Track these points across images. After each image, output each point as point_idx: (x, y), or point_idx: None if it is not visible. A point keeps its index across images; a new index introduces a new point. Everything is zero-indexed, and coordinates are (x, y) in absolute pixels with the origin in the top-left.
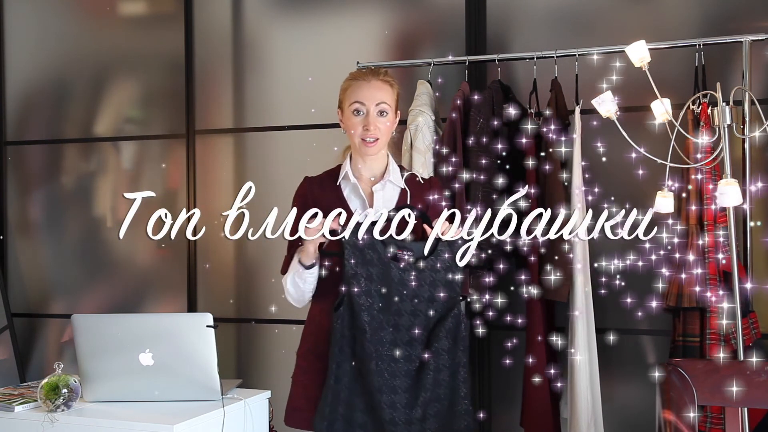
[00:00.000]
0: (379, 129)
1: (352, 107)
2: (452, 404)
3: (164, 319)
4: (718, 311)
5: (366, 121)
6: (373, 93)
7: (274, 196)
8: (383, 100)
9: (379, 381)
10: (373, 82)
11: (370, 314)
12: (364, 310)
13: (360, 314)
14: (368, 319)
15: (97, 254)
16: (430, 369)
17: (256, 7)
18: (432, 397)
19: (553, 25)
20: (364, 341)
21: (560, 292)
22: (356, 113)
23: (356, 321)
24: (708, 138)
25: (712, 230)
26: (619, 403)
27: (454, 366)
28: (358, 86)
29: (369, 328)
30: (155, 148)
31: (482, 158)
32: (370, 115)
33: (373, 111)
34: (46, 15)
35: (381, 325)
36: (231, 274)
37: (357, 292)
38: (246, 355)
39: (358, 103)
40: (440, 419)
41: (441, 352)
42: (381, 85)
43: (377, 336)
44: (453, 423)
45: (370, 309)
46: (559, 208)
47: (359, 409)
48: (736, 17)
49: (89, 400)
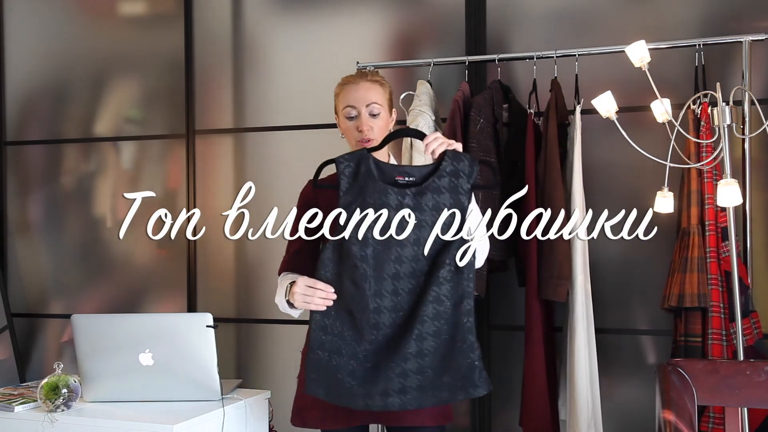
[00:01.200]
0: (373, 129)
1: (344, 111)
2: (453, 339)
3: (164, 319)
4: (719, 311)
5: (359, 123)
6: (362, 95)
7: (274, 196)
8: (373, 101)
9: (375, 318)
10: (362, 84)
11: (365, 246)
12: (357, 242)
13: (351, 247)
14: (363, 252)
15: (97, 254)
16: (430, 300)
17: (256, 7)
18: (431, 330)
19: (553, 25)
20: (356, 275)
21: (559, 292)
22: (349, 118)
23: (348, 254)
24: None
25: (713, 230)
26: (619, 404)
27: (457, 296)
28: (348, 90)
29: (363, 261)
30: (155, 148)
31: (482, 158)
32: (362, 117)
33: (365, 112)
34: (46, 15)
35: (379, 257)
36: (231, 274)
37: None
38: (246, 355)
39: (349, 107)
40: (441, 355)
41: (443, 282)
42: (370, 85)
43: (377, 269)
44: (455, 359)
45: (365, 241)
46: (559, 208)
47: (347, 354)
48: (736, 17)
49: (89, 400)
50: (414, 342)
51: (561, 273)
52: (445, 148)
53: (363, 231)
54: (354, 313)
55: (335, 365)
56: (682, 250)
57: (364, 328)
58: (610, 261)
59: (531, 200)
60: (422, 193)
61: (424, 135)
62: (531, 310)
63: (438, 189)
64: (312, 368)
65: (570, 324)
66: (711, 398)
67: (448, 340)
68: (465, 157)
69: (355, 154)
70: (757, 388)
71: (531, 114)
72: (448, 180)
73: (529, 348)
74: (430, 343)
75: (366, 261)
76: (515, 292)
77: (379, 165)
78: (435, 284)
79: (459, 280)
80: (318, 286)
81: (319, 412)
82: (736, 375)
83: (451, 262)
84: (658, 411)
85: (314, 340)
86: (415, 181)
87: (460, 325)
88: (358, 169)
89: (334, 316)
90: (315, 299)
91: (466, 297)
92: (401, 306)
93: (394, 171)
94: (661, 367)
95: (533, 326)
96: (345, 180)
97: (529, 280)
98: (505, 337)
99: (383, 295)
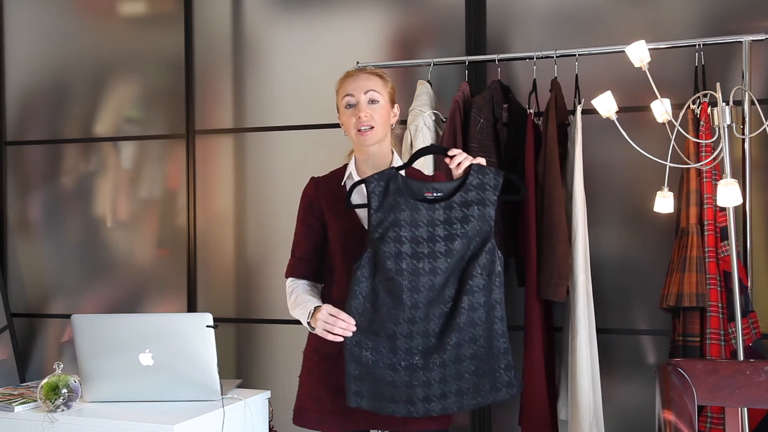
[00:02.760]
0: (371, 116)
1: (344, 101)
2: (489, 344)
3: (164, 319)
4: (718, 311)
5: (357, 110)
6: (360, 83)
7: (274, 196)
8: (372, 88)
9: (410, 328)
10: (361, 75)
11: (400, 260)
12: (392, 257)
13: (386, 261)
14: (398, 266)
15: (97, 254)
16: (465, 309)
17: (256, 7)
18: (467, 337)
19: (553, 25)
20: (393, 288)
21: (559, 292)
22: (348, 106)
23: (383, 269)
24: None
25: (712, 230)
26: (619, 403)
27: (490, 303)
28: (347, 81)
29: (399, 274)
30: (155, 148)
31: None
32: (360, 104)
33: (363, 99)
34: (46, 15)
35: (414, 270)
36: (231, 274)
37: (384, 239)
38: (246, 355)
39: (348, 96)
40: (477, 360)
41: (475, 290)
42: (368, 76)
43: (413, 281)
44: (491, 362)
45: (399, 256)
46: (559, 208)
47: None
48: (736, 17)
49: (89, 400)
50: (452, 349)
51: (561, 273)
52: (469, 162)
53: (396, 246)
54: (388, 325)
55: (375, 377)
56: (681, 249)
57: (398, 339)
58: (610, 261)
59: (531, 200)
60: (451, 207)
61: (447, 150)
62: (531, 310)
63: (466, 202)
64: (351, 382)
65: (571, 324)
66: (711, 398)
67: (483, 346)
68: (490, 170)
69: (384, 173)
70: (757, 388)
71: (531, 114)
72: (475, 193)
73: (529, 348)
74: (467, 350)
75: (401, 274)
76: (515, 292)
77: (407, 182)
78: (468, 293)
79: (490, 288)
80: (341, 316)
81: (316, 414)
82: (736, 375)
83: (483, 271)
84: (658, 411)
85: (351, 355)
86: (443, 195)
87: (494, 330)
88: (387, 187)
89: (367, 331)
90: (335, 329)
91: (498, 303)
92: (435, 315)
93: (422, 187)
94: (661, 366)
95: (533, 326)
96: (375, 198)
97: (529, 280)
98: None
99: (418, 307)
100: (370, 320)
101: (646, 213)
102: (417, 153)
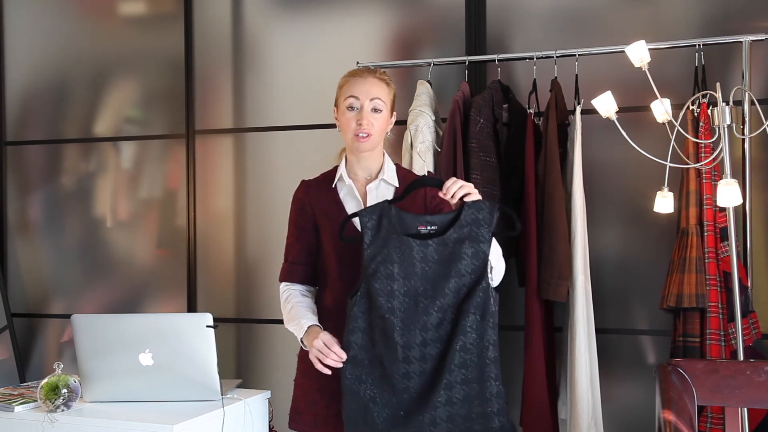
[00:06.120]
0: (372, 125)
1: (346, 102)
2: (481, 387)
3: (164, 319)
4: (718, 311)
5: (359, 116)
6: (368, 88)
7: (274, 196)
8: (378, 96)
9: (406, 368)
10: (369, 79)
11: (392, 298)
12: (384, 295)
13: (378, 299)
14: (390, 304)
15: (97, 254)
16: (457, 349)
17: (256, 7)
18: (459, 379)
19: (553, 25)
20: (386, 327)
21: (559, 292)
22: (350, 108)
23: (375, 306)
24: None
25: (711, 230)
26: (619, 404)
27: (483, 345)
28: (354, 82)
29: (391, 313)
30: (155, 148)
31: (482, 158)
32: (363, 110)
33: (367, 106)
34: (46, 15)
35: (407, 308)
36: (231, 274)
37: (376, 276)
38: (246, 355)
39: (352, 98)
40: (469, 403)
41: (468, 330)
42: (377, 82)
43: (405, 320)
44: (483, 406)
45: (391, 294)
46: (559, 208)
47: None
48: (735, 17)
49: (89, 400)
50: (443, 391)
51: (561, 273)
52: (464, 191)
53: (389, 283)
54: (385, 363)
55: (372, 413)
56: (681, 250)
57: (395, 378)
58: (610, 261)
59: (531, 200)
60: (444, 244)
61: (442, 183)
62: (531, 310)
63: (459, 239)
64: (350, 416)
65: (570, 324)
66: (711, 398)
67: (475, 388)
68: (485, 205)
69: (376, 207)
70: (757, 388)
71: (531, 114)
72: (468, 229)
73: (529, 348)
74: (458, 392)
75: (393, 313)
76: (515, 292)
77: (401, 215)
78: (461, 333)
79: (484, 329)
80: (334, 348)
81: (311, 417)
82: (736, 375)
83: (476, 311)
84: (658, 411)
85: (349, 389)
86: (437, 230)
87: (487, 373)
88: (380, 222)
89: (368, 367)
90: (327, 360)
91: (491, 345)
92: (430, 356)
93: (415, 221)
94: (661, 367)
95: (533, 326)
96: (368, 233)
97: (529, 280)
98: (505, 337)
99: (411, 347)
100: (371, 355)
101: (646, 213)
102: (411, 185)
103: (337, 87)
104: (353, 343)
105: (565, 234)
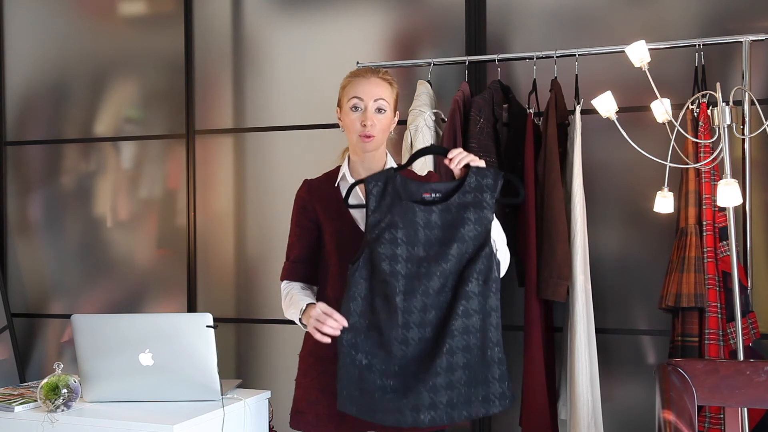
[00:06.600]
0: (376, 126)
1: (350, 103)
2: (482, 353)
3: (164, 319)
4: (716, 311)
5: (363, 117)
6: (371, 89)
7: (274, 196)
8: (381, 97)
9: (404, 334)
10: (373, 80)
11: (395, 262)
12: (386, 259)
13: (381, 263)
14: (393, 268)
15: (97, 254)
16: (459, 314)
17: (256, 7)
18: (461, 344)
19: (553, 25)
20: (388, 291)
21: (559, 292)
22: (354, 109)
23: (378, 271)
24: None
25: (710, 230)
26: (619, 404)
27: (485, 311)
28: (358, 83)
29: (393, 276)
30: (155, 148)
31: (482, 158)
32: (367, 111)
33: (371, 107)
34: (46, 15)
35: (409, 273)
36: (231, 274)
37: (380, 240)
38: (246, 355)
39: (356, 99)
40: (470, 370)
41: (471, 296)
42: (380, 82)
43: (407, 284)
44: (485, 372)
45: (394, 258)
46: (558, 208)
47: (377, 370)
48: (736, 17)
49: (89, 400)
50: (444, 356)
51: (561, 273)
52: (467, 161)
53: (392, 248)
54: (384, 329)
55: (367, 381)
56: (680, 249)
57: (393, 345)
58: (610, 261)
59: (531, 200)
60: (448, 210)
61: (448, 150)
62: (530, 310)
63: (463, 205)
64: (344, 385)
65: (570, 324)
66: (711, 398)
67: (477, 355)
68: (489, 172)
69: (382, 174)
70: (756, 388)
71: (531, 114)
72: (472, 195)
73: (529, 348)
74: (459, 358)
75: (396, 277)
76: (515, 292)
77: (406, 183)
78: (464, 298)
79: (486, 294)
80: (334, 316)
81: (312, 417)
82: (735, 375)
83: (479, 276)
84: (658, 411)
85: (345, 357)
86: (441, 197)
87: (488, 339)
88: (385, 188)
89: (365, 333)
90: (325, 327)
91: (494, 311)
92: (430, 321)
93: (420, 188)
94: (660, 367)
95: (533, 326)
96: (373, 199)
97: (529, 280)
98: (504, 337)
99: (412, 311)
100: (368, 322)
101: (645, 213)
102: (417, 153)
103: (340, 87)
104: (352, 309)
105: (565, 234)
